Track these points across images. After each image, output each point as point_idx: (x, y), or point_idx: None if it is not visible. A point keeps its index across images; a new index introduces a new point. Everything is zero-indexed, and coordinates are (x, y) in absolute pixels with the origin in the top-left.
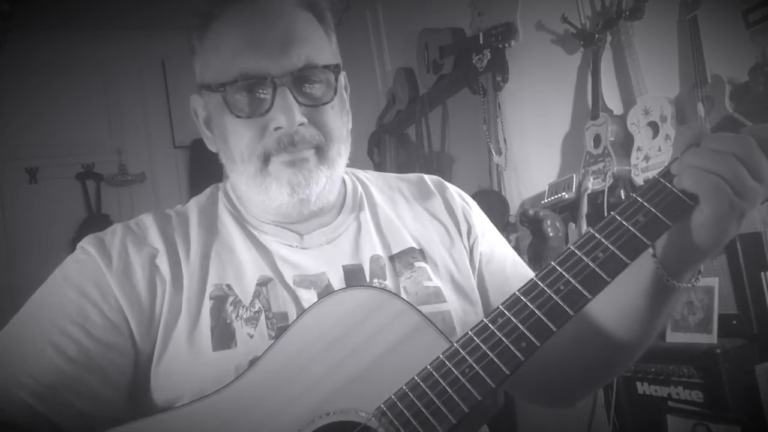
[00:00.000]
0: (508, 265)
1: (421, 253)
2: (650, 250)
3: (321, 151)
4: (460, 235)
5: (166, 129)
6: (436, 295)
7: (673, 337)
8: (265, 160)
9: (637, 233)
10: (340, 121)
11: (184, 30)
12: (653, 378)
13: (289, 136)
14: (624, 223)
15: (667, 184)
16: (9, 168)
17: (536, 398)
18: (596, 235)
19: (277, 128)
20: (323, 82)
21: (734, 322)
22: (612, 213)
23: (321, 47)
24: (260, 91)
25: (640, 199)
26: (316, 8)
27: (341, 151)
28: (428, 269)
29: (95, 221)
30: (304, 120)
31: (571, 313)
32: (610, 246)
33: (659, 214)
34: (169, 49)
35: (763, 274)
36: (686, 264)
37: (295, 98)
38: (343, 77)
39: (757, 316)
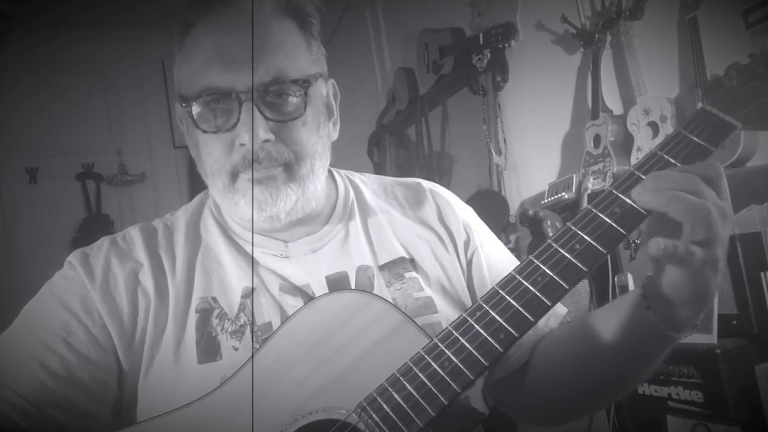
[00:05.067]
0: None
1: (412, 263)
2: (648, 310)
3: (290, 169)
4: (455, 245)
5: (166, 129)
6: (427, 306)
7: None
8: (233, 176)
9: (613, 224)
10: (315, 135)
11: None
12: (653, 378)
13: (254, 153)
14: (600, 214)
15: (642, 176)
16: (9, 168)
17: (528, 419)
18: (572, 227)
19: (242, 144)
20: (295, 96)
21: (734, 322)
22: (587, 206)
23: (296, 58)
24: (226, 106)
25: (615, 192)
26: (298, 14)
27: (314, 167)
28: (419, 279)
29: (95, 221)
30: (271, 137)
31: (549, 304)
32: (586, 237)
33: (635, 205)
34: (169, 49)
35: (763, 274)
36: (684, 318)
37: (262, 114)
38: (330, 86)
39: (757, 316)
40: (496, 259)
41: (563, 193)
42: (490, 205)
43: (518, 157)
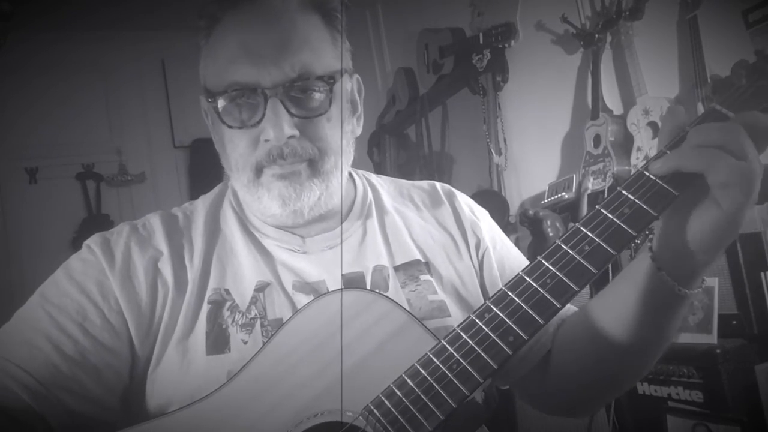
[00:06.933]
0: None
1: (427, 266)
2: (653, 264)
3: (314, 165)
4: (468, 248)
5: (166, 129)
6: (441, 310)
7: None
8: (258, 171)
9: (622, 225)
10: (339, 131)
11: (185, 30)
12: (653, 378)
13: (278, 149)
14: (609, 215)
15: (651, 176)
16: (9, 168)
17: (554, 410)
18: (582, 228)
19: (267, 140)
20: (320, 92)
21: (734, 322)
22: (597, 206)
23: (321, 54)
24: (251, 101)
25: (624, 192)
26: (323, 9)
27: (338, 163)
28: (433, 282)
29: (95, 221)
30: (296, 133)
31: (558, 306)
32: (595, 238)
33: (644, 206)
34: (169, 49)
35: (763, 274)
36: (699, 270)
37: (287, 109)
38: (354, 81)
39: (757, 316)
40: (510, 259)
41: (563, 193)
42: (490, 205)
43: (518, 157)
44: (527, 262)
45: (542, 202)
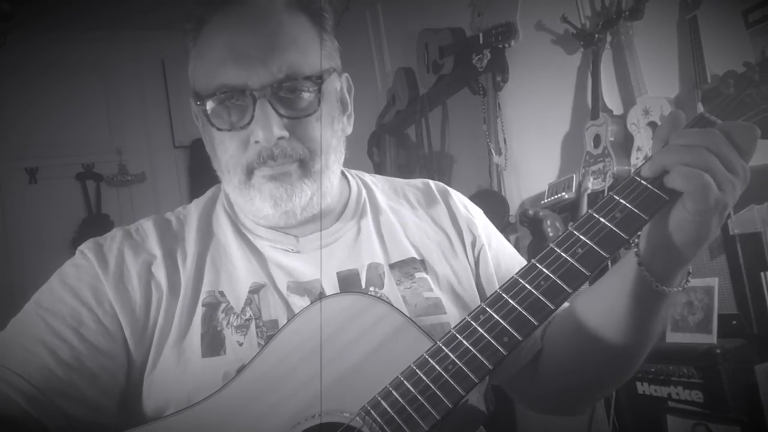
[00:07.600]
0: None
1: (423, 264)
2: (636, 258)
3: (304, 165)
4: (464, 246)
5: (166, 129)
6: (436, 307)
7: (673, 337)
8: (248, 172)
9: (614, 228)
10: (329, 131)
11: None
12: (653, 378)
13: (269, 150)
14: (601, 219)
15: (642, 181)
16: (9, 168)
17: (544, 408)
18: (575, 232)
19: (256, 142)
20: (309, 92)
21: (734, 322)
22: (589, 210)
23: (309, 54)
24: (240, 103)
25: (616, 197)
26: (310, 9)
27: (329, 163)
28: (429, 280)
29: (95, 221)
30: (285, 133)
31: (552, 307)
32: (588, 242)
33: (635, 210)
34: (169, 49)
35: (763, 274)
36: (672, 267)
37: (276, 110)
38: (344, 80)
39: (756, 316)
40: (505, 256)
41: (563, 193)
42: (490, 205)
43: (518, 157)
44: (522, 259)
45: (542, 202)
